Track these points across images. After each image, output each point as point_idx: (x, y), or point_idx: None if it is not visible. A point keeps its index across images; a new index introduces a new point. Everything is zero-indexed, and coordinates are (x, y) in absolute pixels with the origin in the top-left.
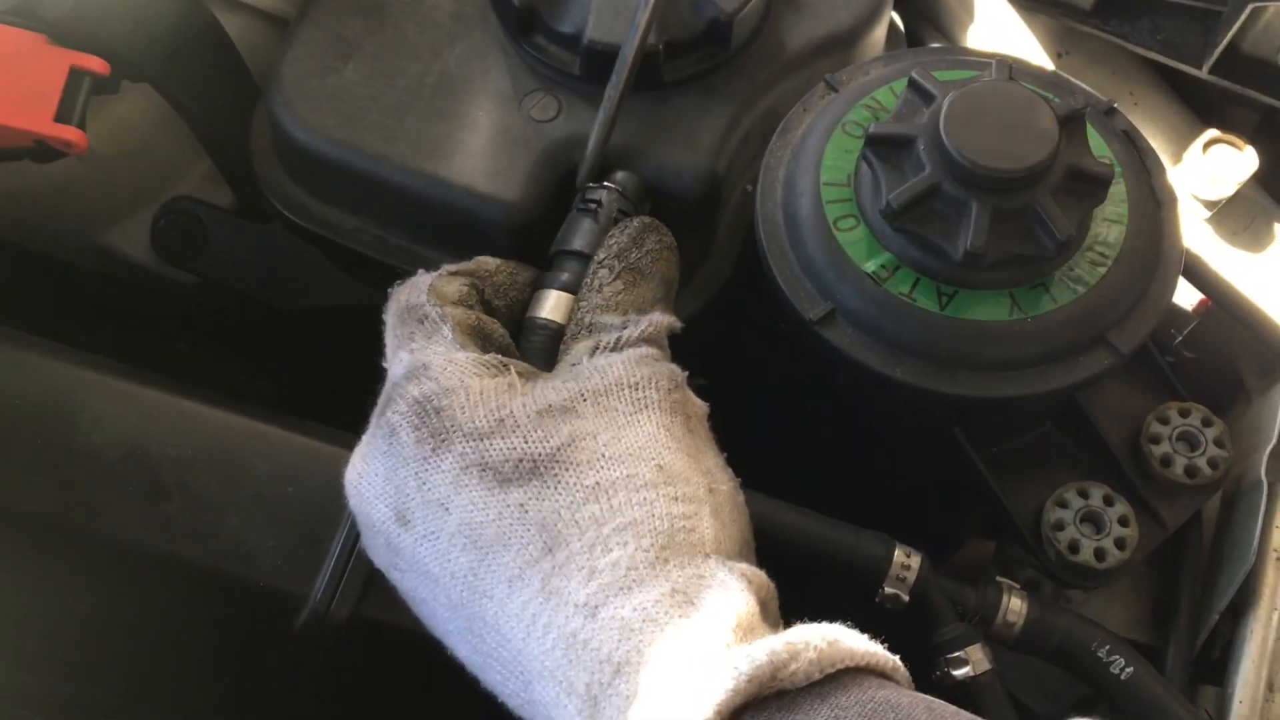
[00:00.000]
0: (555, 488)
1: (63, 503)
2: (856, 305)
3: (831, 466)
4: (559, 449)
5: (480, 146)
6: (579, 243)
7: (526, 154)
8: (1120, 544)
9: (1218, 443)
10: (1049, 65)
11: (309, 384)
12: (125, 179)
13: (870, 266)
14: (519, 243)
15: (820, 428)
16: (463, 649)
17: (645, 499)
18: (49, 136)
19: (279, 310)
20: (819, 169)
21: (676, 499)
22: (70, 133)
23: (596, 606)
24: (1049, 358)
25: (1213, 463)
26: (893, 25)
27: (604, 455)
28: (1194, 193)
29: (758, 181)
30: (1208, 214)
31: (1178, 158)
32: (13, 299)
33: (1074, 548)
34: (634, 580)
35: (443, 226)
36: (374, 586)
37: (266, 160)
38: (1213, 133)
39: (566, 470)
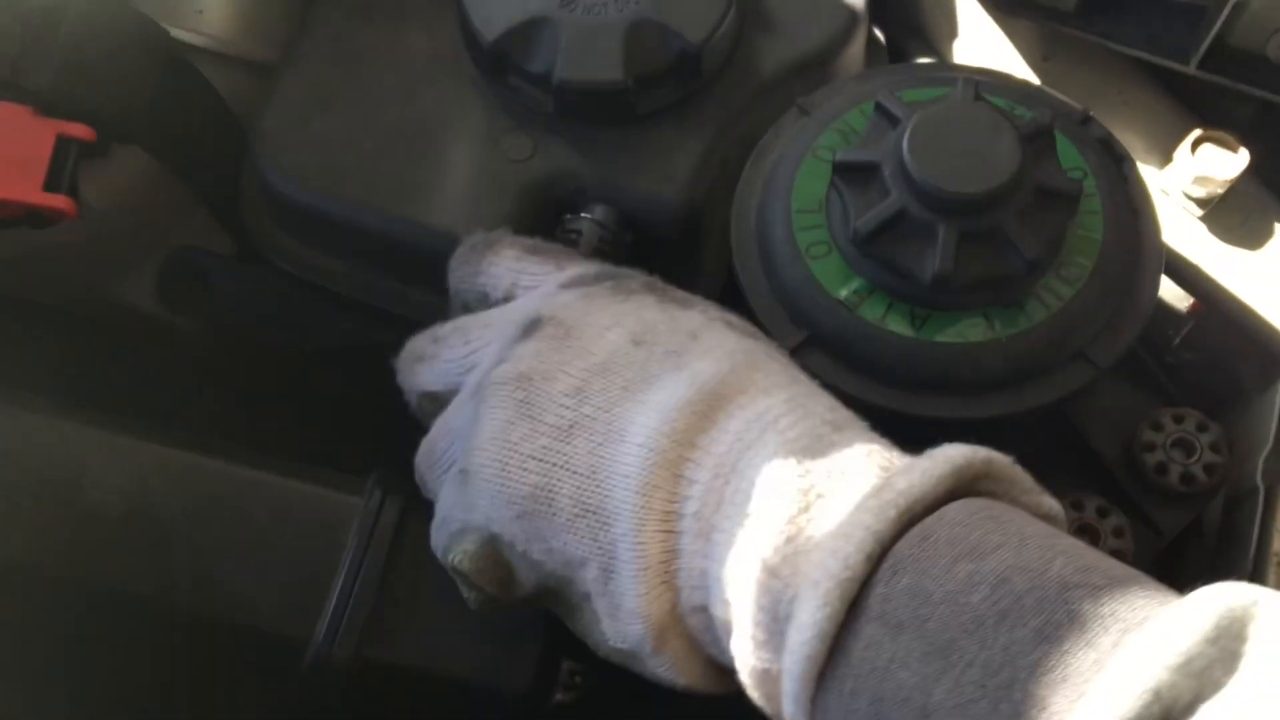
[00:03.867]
0: (789, 356)
1: (67, 560)
2: (831, 332)
3: None
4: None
5: (459, 188)
6: None
7: (503, 194)
8: (1116, 556)
9: (1213, 448)
10: (1034, 70)
11: (315, 424)
12: (127, 231)
13: (843, 293)
14: None
15: None
16: (645, 459)
17: None
18: (39, 206)
19: (283, 352)
20: (790, 196)
21: None
22: (60, 201)
23: (840, 425)
24: (1027, 375)
25: (1209, 469)
26: (873, 39)
27: None
28: (1185, 191)
29: (733, 209)
30: (1200, 212)
31: (1169, 156)
32: (20, 352)
33: None
34: (861, 426)
35: (428, 269)
36: (375, 627)
37: (256, 209)
38: (1200, 132)
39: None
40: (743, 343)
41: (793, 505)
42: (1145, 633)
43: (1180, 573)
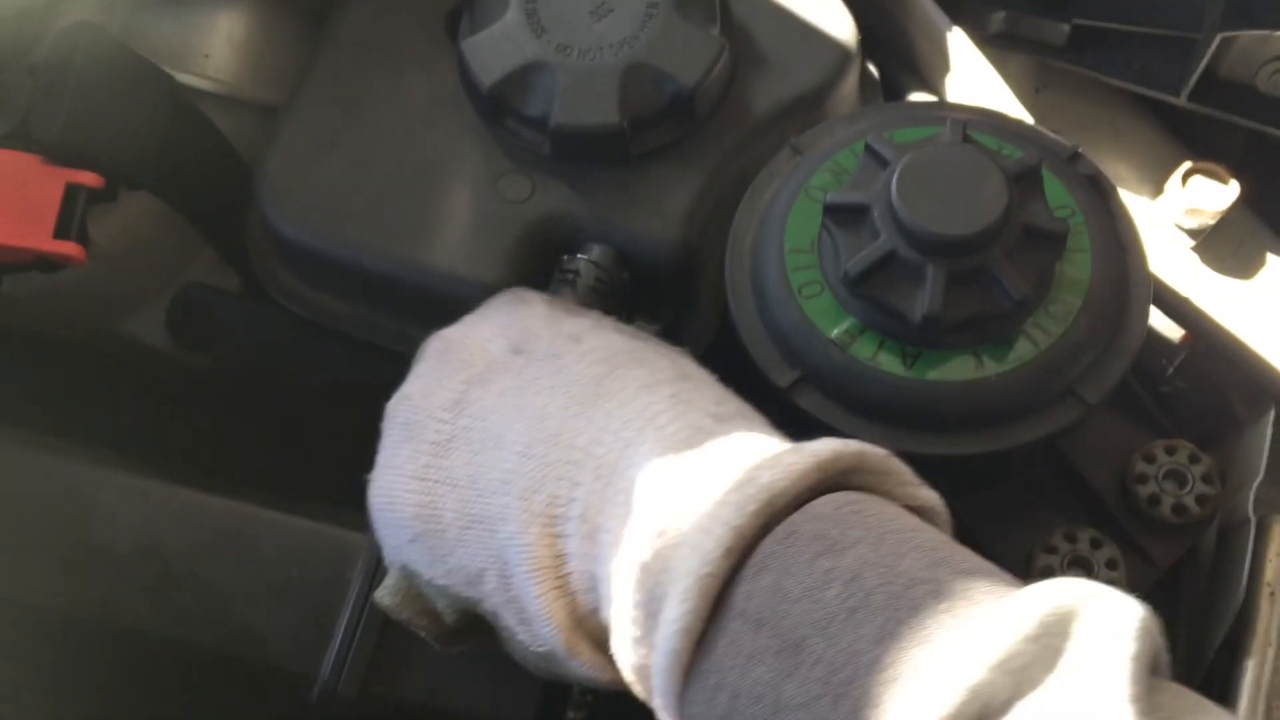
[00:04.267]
0: (687, 356)
1: (78, 598)
2: (824, 371)
3: None
4: (684, 351)
5: (459, 230)
6: None
7: (503, 235)
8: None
9: (1205, 479)
10: (1026, 102)
11: (322, 459)
12: (137, 270)
13: (835, 332)
14: None
15: None
16: (523, 464)
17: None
18: (49, 253)
19: (290, 387)
20: (783, 236)
21: None
22: (69, 248)
23: (724, 417)
24: (1017, 413)
25: (1201, 500)
26: (868, 76)
27: None
28: (1177, 223)
29: (727, 249)
30: (1192, 243)
31: (1161, 187)
32: (30, 388)
33: None
34: (750, 416)
35: (430, 309)
36: (380, 662)
37: (262, 250)
38: (1191, 164)
39: (692, 359)
40: (629, 342)
41: (666, 502)
42: (972, 630)
43: (1175, 603)
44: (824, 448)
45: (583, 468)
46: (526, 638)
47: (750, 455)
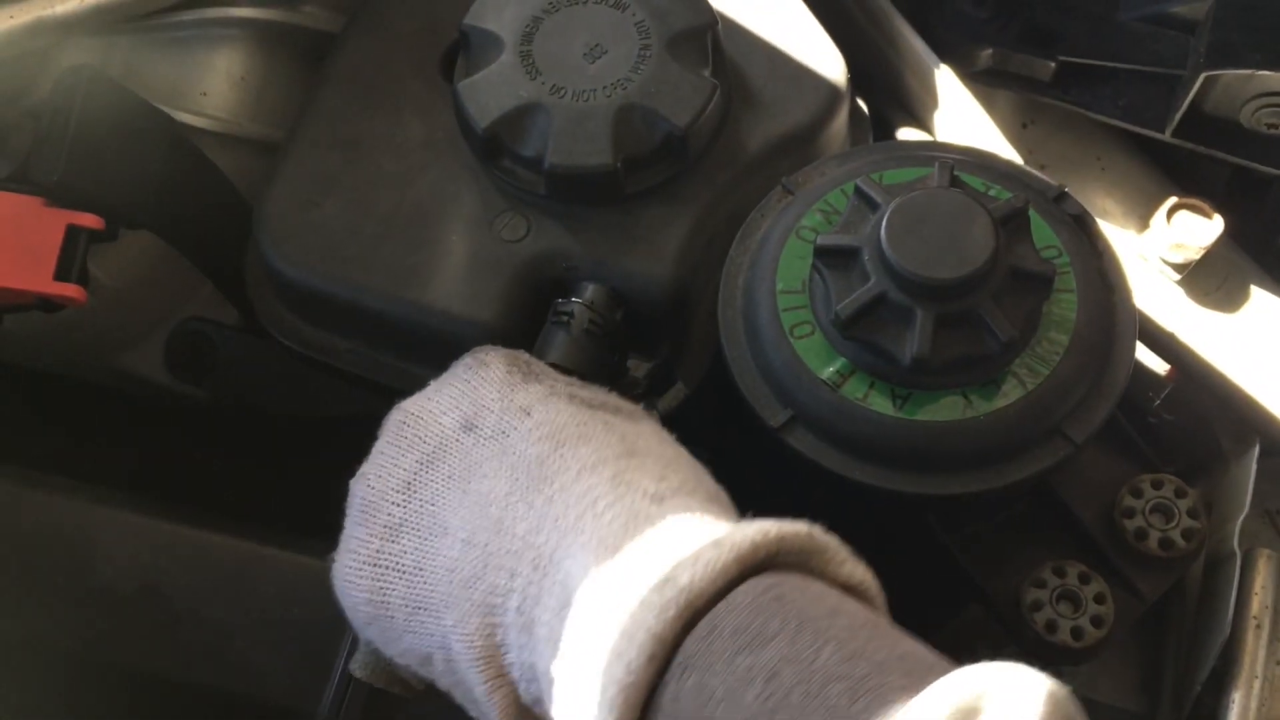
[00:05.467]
0: (638, 424)
1: (81, 637)
2: (815, 411)
3: None
4: (638, 410)
5: (455, 270)
6: (554, 355)
7: (499, 274)
8: (1097, 622)
9: (1191, 514)
10: (1014, 138)
11: (320, 494)
12: (137, 305)
13: (825, 373)
14: None
15: (803, 511)
16: (467, 552)
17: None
18: (50, 295)
19: (288, 422)
20: (775, 276)
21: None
22: (70, 290)
23: (664, 498)
24: (1005, 453)
25: (1187, 534)
26: (859, 112)
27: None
28: (1162, 257)
29: (719, 288)
30: (1178, 277)
31: (1146, 221)
32: (30, 423)
33: (1051, 627)
34: (693, 490)
35: (427, 347)
36: (378, 699)
37: (261, 288)
38: (1176, 200)
39: (645, 420)
40: (577, 415)
41: (595, 599)
42: None
43: (1162, 636)
44: (744, 539)
45: (521, 558)
46: (479, 717)
47: (676, 549)
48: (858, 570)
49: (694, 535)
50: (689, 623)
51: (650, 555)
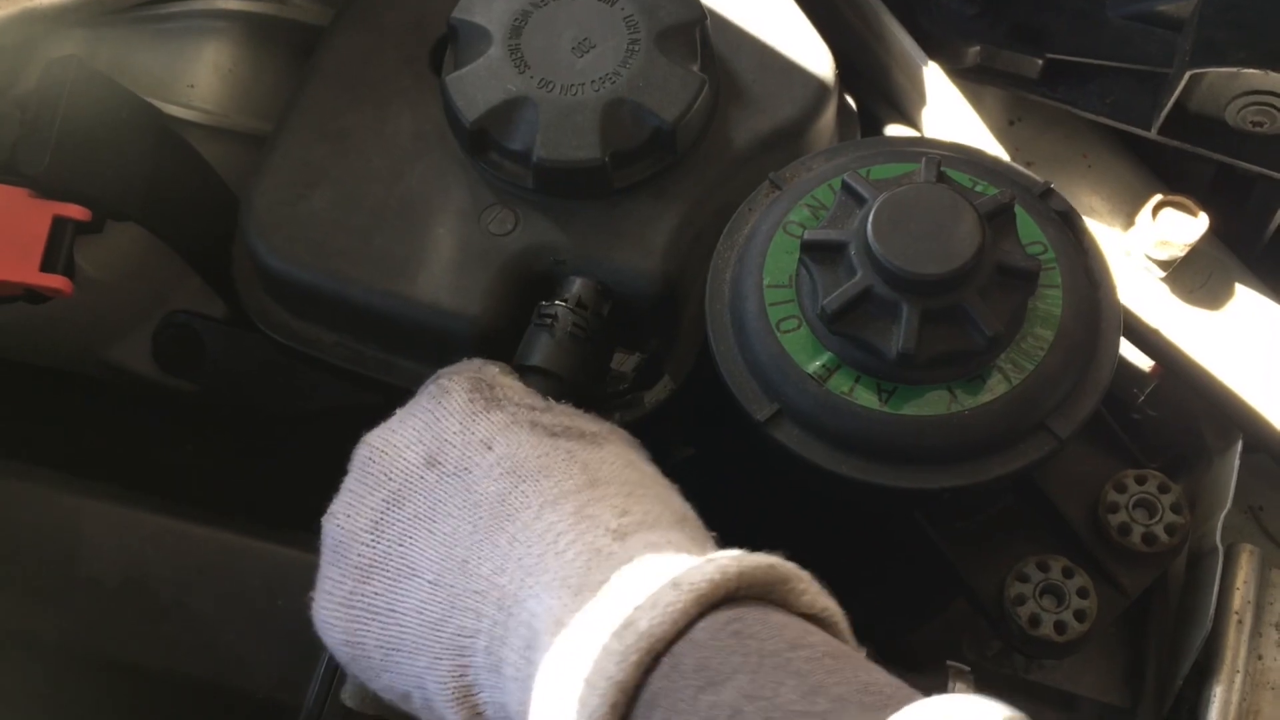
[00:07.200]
0: (601, 448)
1: (67, 628)
2: (801, 405)
3: (806, 540)
4: (604, 431)
5: (443, 263)
6: (537, 358)
7: (486, 268)
8: (1080, 616)
9: (1174, 509)
10: (1001, 134)
11: (307, 486)
12: (124, 298)
13: (812, 367)
14: (487, 351)
15: (788, 506)
16: (435, 594)
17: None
18: (36, 286)
19: (276, 414)
20: (762, 271)
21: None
22: (56, 280)
23: (626, 534)
24: (990, 447)
25: (1170, 529)
26: (847, 108)
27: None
28: (1147, 254)
29: (708, 283)
30: (1163, 274)
31: (1131, 218)
32: (17, 415)
33: (1035, 621)
34: (657, 520)
35: (414, 340)
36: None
37: (248, 281)
38: (1161, 197)
39: (610, 443)
40: (539, 446)
41: (558, 644)
42: None
43: (1145, 631)
44: (702, 578)
45: (486, 598)
46: None
47: (636, 591)
48: (820, 598)
49: (654, 575)
50: (650, 667)
51: (610, 598)
